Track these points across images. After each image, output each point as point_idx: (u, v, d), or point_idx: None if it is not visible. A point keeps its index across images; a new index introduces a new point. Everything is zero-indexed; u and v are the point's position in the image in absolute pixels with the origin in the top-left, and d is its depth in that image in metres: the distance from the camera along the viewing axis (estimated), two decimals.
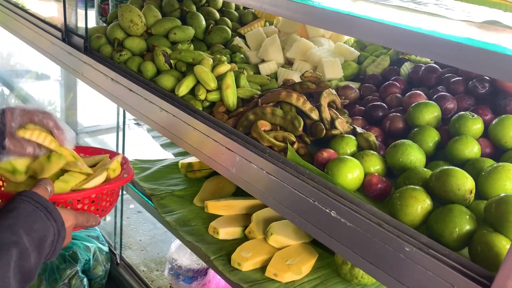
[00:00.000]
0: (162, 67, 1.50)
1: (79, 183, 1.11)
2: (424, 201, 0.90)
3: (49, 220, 0.89)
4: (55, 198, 1.03)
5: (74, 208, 1.07)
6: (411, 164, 1.03)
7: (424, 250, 0.83)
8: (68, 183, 1.09)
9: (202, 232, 1.50)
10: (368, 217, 0.90)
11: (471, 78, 1.29)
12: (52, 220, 0.89)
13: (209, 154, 1.21)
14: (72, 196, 1.07)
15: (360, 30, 0.88)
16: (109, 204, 1.17)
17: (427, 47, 0.79)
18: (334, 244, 0.96)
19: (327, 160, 1.06)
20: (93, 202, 1.11)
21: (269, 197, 1.08)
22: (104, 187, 1.12)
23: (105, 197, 1.14)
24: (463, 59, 0.76)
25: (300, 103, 1.17)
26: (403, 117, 1.21)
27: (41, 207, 0.89)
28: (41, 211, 0.88)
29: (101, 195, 1.12)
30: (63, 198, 1.05)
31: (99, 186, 1.11)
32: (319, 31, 1.68)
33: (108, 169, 1.15)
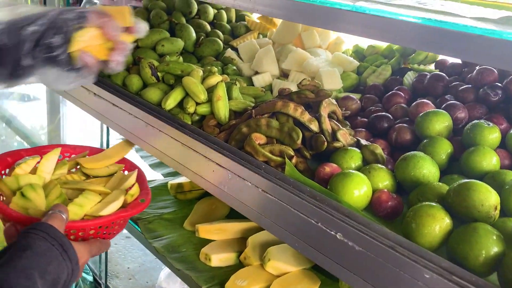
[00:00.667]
0: (149, 80, 1.40)
1: (94, 207, 1.03)
2: (443, 219, 0.79)
3: (64, 260, 0.83)
4: (69, 226, 0.94)
5: (86, 235, 0.99)
6: (424, 178, 0.92)
7: (446, 277, 0.71)
8: (83, 207, 1.02)
9: (193, 258, 1.37)
10: (380, 239, 0.78)
11: (482, 86, 1.19)
12: (68, 260, 0.83)
13: (198, 171, 1.10)
14: (87, 224, 0.99)
15: (368, 26, 0.78)
16: (119, 227, 1.08)
17: (446, 41, 0.69)
18: (341, 271, 0.84)
19: (329, 175, 0.95)
20: (106, 228, 1.02)
21: (266, 219, 0.96)
22: (121, 215, 1.03)
23: (119, 222, 1.05)
24: (489, 53, 0.66)
25: (298, 114, 1.07)
26: (411, 128, 1.11)
27: (57, 245, 0.82)
28: (57, 249, 0.82)
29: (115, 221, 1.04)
30: (76, 226, 0.97)
31: (116, 214, 1.02)
32: (315, 42, 1.59)
33: (127, 193, 1.08)
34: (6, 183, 1.02)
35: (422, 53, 1.47)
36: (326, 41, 1.62)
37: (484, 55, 0.67)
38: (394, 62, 1.48)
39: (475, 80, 1.21)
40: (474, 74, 1.22)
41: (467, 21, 0.74)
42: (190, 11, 1.73)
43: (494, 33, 0.66)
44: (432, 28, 0.72)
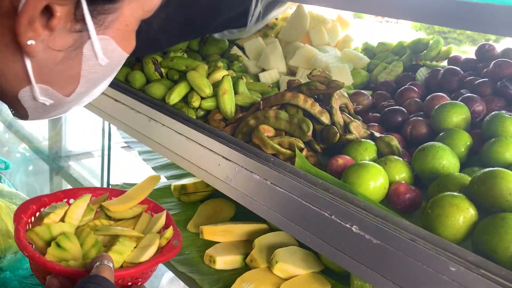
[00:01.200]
0: (152, 77, 1.36)
1: (132, 254, 1.01)
2: (467, 209, 0.73)
3: None
4: (116, 276, 0.91)
5: (125, 283, 0.96)
6: (444, 169, 0.86)
7: (474, 271, 0.65)
8: (123, 254, 0.99)
9: (196, 261, 1.31)
10: (399, 232, 0.72)
11: (499, 79, 1.14)
12: None
13: (203, 166, 1.04)
14: (132, 272, 0.96)
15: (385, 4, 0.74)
16: (152, 271, 1.05)
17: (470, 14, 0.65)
18: (357, 266, 0.78)
19: (343, 167, 0.90)
20: (142, 273, 0.99)
21: (275, 213, 0.90)
22: (159, 260, 1.01)
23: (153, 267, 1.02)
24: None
25: (308, 105, 1.02)
26: (427, 122, 1.06)
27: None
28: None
29: None
30: (124, 275, 0.95)
31: (154, 259, 1.01)
32: (324, 39, 1.55)
33: (161, 237, 1.06)
34: (38, 233, 0.99)
35: (434, 49, 1.42)
36: (335, 39, 1.58)
37: None
38: (406, 59, 1.44)
39: (492, 73, 1.16)
40: (491, 67, 1.17)
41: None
42: None
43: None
44: None
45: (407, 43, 1.50)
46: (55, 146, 2.20)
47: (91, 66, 0.59)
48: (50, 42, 0.54)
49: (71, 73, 0.59)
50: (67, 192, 1.19)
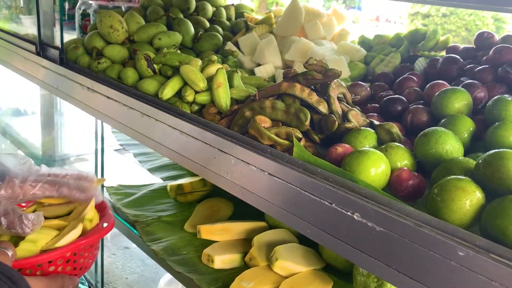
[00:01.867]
0: (145, 73, 1.33)
1: (51, 241, 0.93)
2: (474, 192, 0.70)
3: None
4: (19, 264, 0.86)
5: (45, 272, 0.89)
6: (447, 155, 0.83)
7: (483, 255, 0.62)
8: (37, 242, 0.92)
9: (194, 261, 1.27)
10: (403, 218, 0.69)
11: (500, 65, 1.11)
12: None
13: (198, 160, 1.01)
14: (41, 258, 0.89)
15: None
16: (89, 260, 0.99)
17: None
18: (360, 256, 0.74)
19: (342, 155, 0.87)
20: (68, 262, 0.92)
21: (273, 205, 0.87)
22: (80, 243, 0.94)
23: (83, 253, 0.95)
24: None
25: (305, 95, 0.99)
26: (428, 109, 1.03)
27: (5, 278, 0.74)
28: (5, 283, 0.74)
29: (78, 252, 0.94)
30: (30, 262, 0.87)
31: (74, 242, 0.93)
32: (319, 33, 1.52)
33: (84, 220, 0.98)
34: None
35: (432, 39, 1.40)
36: (331, 33, 1.55)
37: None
38: (403, 50, 1.41)
39: (493, 59, 1.14)
40: (491, 54, 1.15)
41: None
42: (188, 7, 1.67)
43: None
44: None
45: (404, 34, 1.47)
46: (49, 151, 2.16)
47: None
48: None
49: None
50: None
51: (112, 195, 1.59)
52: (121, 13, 1.59)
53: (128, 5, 1.92)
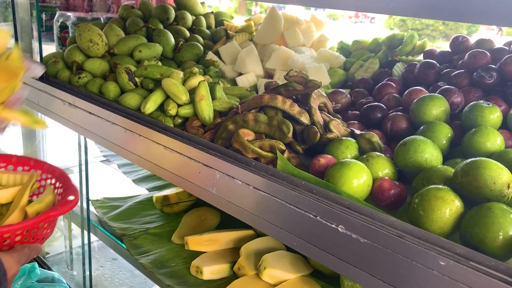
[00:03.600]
0: (126, 87, 1.33)
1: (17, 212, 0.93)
2: (453, 201, 0.72)
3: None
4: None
5: (12, 243, 0.87)
6: (427, 163, 0.85)
7: (464, 263, 0.64)
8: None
9: (183, 273, 1.28)
10: (386, 229, 0.71)
11: (475, 69, 1.14)
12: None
13: (183, 174, 1.02)
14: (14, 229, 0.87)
15: None
16: (48, 231, 0.97)
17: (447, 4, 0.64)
18: (345, 267, 0.76)
19: (325, 167, 0.88)
20: (34, 232, 0.91)
21: (260, 218, 0.88)
22: (50, 214, 0.92)
23: (48, 225, 0.94)
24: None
25: (287, 106, 1.00)
26: (407, 116, 1.05)
27: None
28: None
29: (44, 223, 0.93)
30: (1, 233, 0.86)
31: (44, 214, 0.92)
32: (299, 40, 1.54)
33: None
34: None
35: (409, 44, 1.43)
36: (310, 40, 1.57)
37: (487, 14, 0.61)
38: (381, 55, 1.44)
39: (468, 64, 1.17)
40: (466, 58, 1.18)
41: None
42: (168, 17, 1.67)
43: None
44: None
45: (382, 40, 1.50)
46: None
47: None
48: None
49: None
50: None
51: (98, 209, 1.59)
52: (100, 25, 1.58)
53: (107, 16, 1.90)
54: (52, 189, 1.02)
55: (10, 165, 1.11)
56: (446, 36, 9.13)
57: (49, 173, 1.10)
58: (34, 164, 1.11)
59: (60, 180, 1.05)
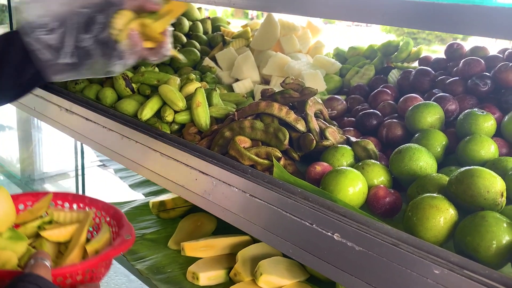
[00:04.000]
0: (123, 93, 1.33)
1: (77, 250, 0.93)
2: (447, 210, 0.73)
3: None
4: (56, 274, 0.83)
5: (73, 282, 0.89)
6: (422, 171, 0.86)
7: (457, 272, 0.65)
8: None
9: (179, 279, 1.28)
10: (381, 237, 0.72)
11: (469, 77, 1.15)
12: None
13: (179, 181, 1.02)
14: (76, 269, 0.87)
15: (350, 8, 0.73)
16: (106, 268, 0.99)
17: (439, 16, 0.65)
18: (341, 275, 0.77)
19: (321, 174, 0.89)
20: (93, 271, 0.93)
21: (256, 226, 0.88)
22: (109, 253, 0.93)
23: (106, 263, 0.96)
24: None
25: (283, 114, 1.01)
26: (402, 123, 1.06)
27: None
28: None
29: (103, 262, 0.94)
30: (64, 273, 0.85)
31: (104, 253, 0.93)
32: (295, 47, 1.55)
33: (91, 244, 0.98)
34: None
35: (404, 50, 1.44)
36: (306, 46, 1.58)
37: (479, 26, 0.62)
38: (377, 62, 1.45)
39: (462, 71, 1.18)
40: (460, 66, 1.19)
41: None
42: None
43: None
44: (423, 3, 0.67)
45: (377, 46, 1.51)
46: (28, 169, 2.13)
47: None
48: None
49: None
50: None
51: None
52: None
53: None
54: (108, 228, 1.04)
55: (66, 202, 1.15)
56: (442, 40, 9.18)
57: (104, 211, 1.12)
58: (89, 202, 1.14)
59: (114, 218, 1.07)
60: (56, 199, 1.11)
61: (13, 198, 1.08)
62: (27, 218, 1.04)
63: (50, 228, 1.00)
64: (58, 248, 0.98)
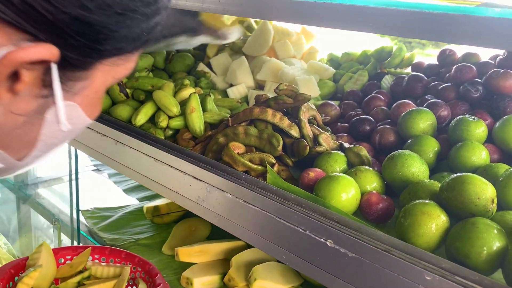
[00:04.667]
0: (117, 98, 1.33)
1: None
2: (439, 216, 0.73)
3: None
4: None
5: None
6: (414, 177, 0.87)
7: (449, 278, 0.65)
8: None
9: (174, 284, 1.28)
10: (374, 243, 0.72)
11: (461, 83, 1.17)
12: None
13: (173, 187, 1.02)
14: None
15: (337, 16, 0.74)
16: None
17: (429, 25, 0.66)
18: (333, 281, 0.77)
19: (314, 180, 0.89)
20: None
21: (249, 232, 0.89)
22: None
23: None
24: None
25: (277, 120, 1.01)
26: (395, 129, 1.07)
27: None
28: None
29: None
30: None
31: None
32: (289, 52, 1.55)
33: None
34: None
35: (397, 56, 1.45)
36: (300, 51, 1.59)
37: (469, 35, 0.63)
38: (370, 68, 1.46)
39: (455, 77, 1.19)
40: (453, 72, 1.20)
41: None
42: None
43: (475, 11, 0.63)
44: (413, 12, 0.68)
45: (371, 52, 1.52)
46: (21, 174, 2.12)
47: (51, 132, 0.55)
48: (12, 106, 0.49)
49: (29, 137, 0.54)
50: None
51: (88, 219, 1.58)
52: None
53: None
54: (145, 285, 1.05)
55: (103, 257, 1.16)
56: (436, 44, 9.26)
57: (140, 266, 1.13)
58: (125, 256, 1.15)
59: (150, 275, 1.08)
60: (93, 253, 1.14)
61: (54, 252, 1.10)
62: (67, 273, 1.05)
63: (90, 284, 1.02)
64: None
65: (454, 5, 0.66)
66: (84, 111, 0.55)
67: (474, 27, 0.64)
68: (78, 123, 0.56)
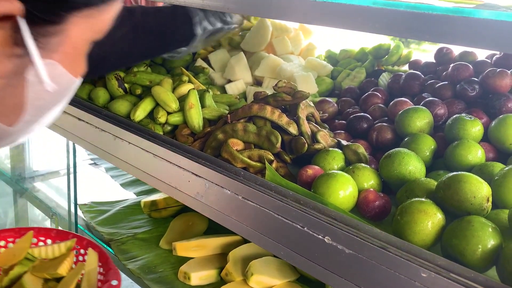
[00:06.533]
0: (116, 93, 1.33)
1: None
2: (435, 214, 0.75)
3: None
4: None
5: None
6: (410, 175, 0.88)
7: (444, 275, 0.67)
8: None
9: (171, 278, 1.29)
10: (371, 240, 0.73)
11: (458, 82, 1.18)
12: None
13: (172, 183, 1.03)
14: None
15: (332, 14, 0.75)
16: None
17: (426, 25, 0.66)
18: (331, 277, 0.78)
19: (312, 177, 0.90)
20: None
21: (248, 228, 0.90)
22: None
23: None
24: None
25: (275, 117, 1.02)
26: (392, 127, 1.08)
27: None
28: None
29: None
30: None
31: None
32: (287, 48, 1.56)
33: None
34: None
35: (395, 54, 1.46)
36: (298, 48, 1.59)
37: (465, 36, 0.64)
38: (368, 65, 1.47)
39: (451, 76, 1.20)
40: (449, 71, 1.21)
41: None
42: None
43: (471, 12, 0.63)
44: (409, 13, 0.69)
45: (368, 49, 1.53)
46: (18, 167, 2.12)
47: (36, 93, 0.54)
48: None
49: (15, 100, 0.54)
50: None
51: (86, 213, 1.59)
52: None
53: None
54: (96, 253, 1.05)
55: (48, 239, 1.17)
56: None
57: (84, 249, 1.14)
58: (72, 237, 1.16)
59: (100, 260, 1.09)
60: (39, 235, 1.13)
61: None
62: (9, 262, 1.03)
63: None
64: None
65: (452, 5, 0.67)
66: (66, 69, 0.55)
67: (471, 29, 0.65)
68: (62, 82, 0.56)
